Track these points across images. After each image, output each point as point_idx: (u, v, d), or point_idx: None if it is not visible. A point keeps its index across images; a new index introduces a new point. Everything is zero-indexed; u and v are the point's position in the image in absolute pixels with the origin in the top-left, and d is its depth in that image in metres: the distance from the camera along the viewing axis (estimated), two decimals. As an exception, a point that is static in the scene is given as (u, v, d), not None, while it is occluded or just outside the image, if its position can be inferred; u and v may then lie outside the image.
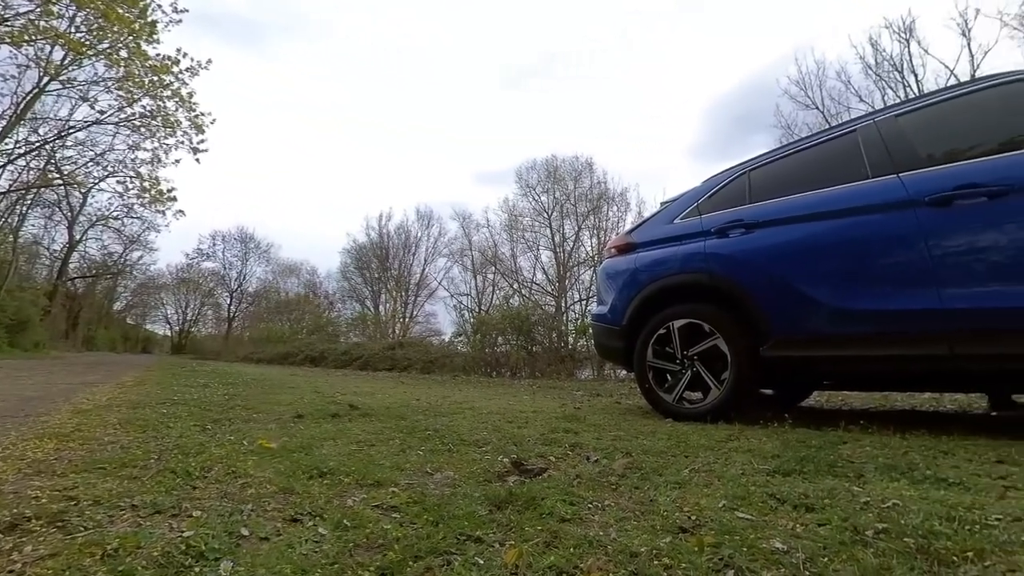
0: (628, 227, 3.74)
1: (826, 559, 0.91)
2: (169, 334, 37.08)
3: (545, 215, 19.79)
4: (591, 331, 3.68)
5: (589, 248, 18.75)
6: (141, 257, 27.03)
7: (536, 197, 20.18)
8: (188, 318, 35.41)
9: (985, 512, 1.07)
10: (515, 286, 19.22)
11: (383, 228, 26.09)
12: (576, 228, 19.12)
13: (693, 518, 1.13)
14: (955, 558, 0.87)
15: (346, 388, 5.05)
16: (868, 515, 1.10)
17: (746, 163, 2.84)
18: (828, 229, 2.28)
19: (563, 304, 17.66)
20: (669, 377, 2.83)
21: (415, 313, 25.16)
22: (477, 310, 18.69)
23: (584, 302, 17.72)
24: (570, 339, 9.66)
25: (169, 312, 36.00)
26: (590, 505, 1.26)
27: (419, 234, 25.61)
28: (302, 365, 13.16)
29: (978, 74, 11.01)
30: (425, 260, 25.40)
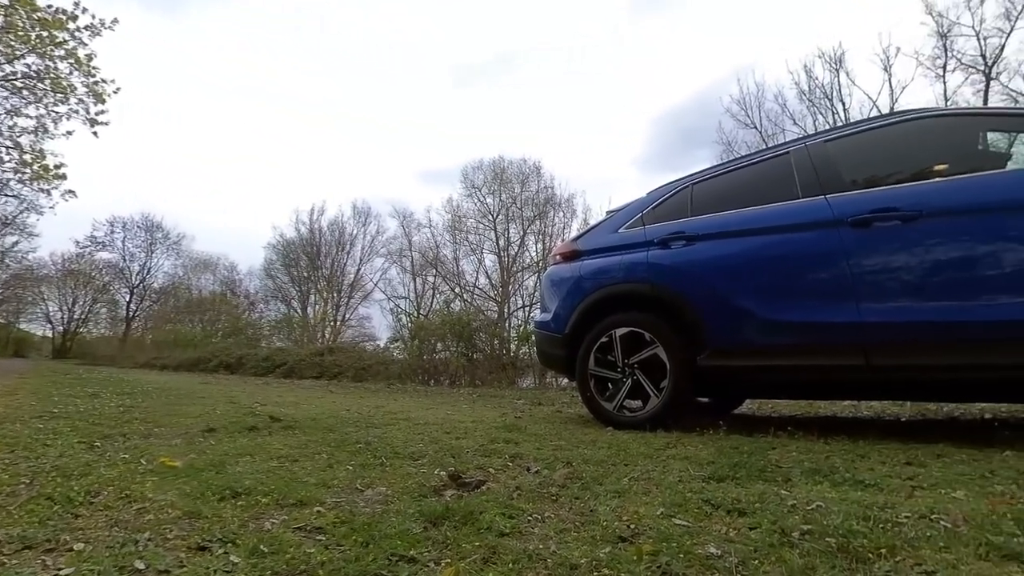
0: (574, 234, 3.83)
1: (756, 562, 0.97)
2: (51, 335, 32.45)
3: (490, 217, 19.85)
4: (534, 338, 3.72)
5: (534, 253, 19.05)
6: (16, 243, 23.42)
7: (481, 198, 20.19)
8: (75, 316, 31.20)
9: (896, 511, 1.19)
10: (457, 290, 19.05)
11: (315, 223, 24.77)
12: (521, 232, 19.35)
13: (632, 527, 1.16)
14: (871, 555, 0.96)
15: (267, 398, 4.73)
16: (795, 517, 1.18)
17: (689, 177, 3.01)
18: (762, 244, 2.47)
19: (506, 310, 17.76)
20: (610, 386, 2.92)
21: (348, 316, 24.08)
22: (415, 314, 18.30)
23: (528, 308, 17.96)
24: (512, 346, 9.73)
25: (51, 309, 31.37)
26: (530, 518, 1.26)
27: (355, 231, 24.57)
28: (216, 372, 12.16)
29: (896, 107, 12.56)
30: (361, 259, 24.38)
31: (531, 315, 16.83)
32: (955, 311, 1.95)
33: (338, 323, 23.50)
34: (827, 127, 13.02)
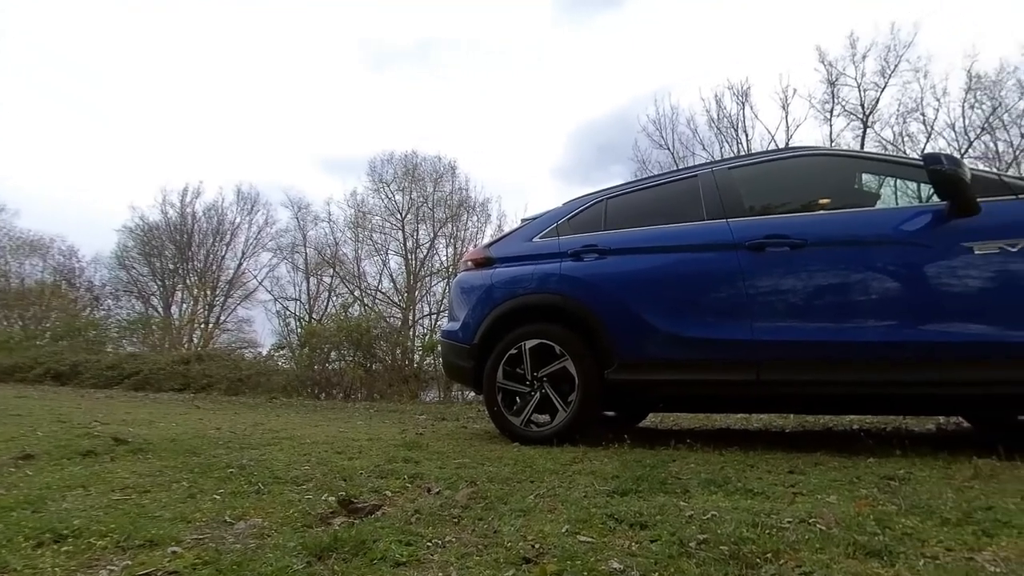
0: (487, 240, 3.86)
1: (657, 574, 1.03)
2: None
3: (399, 216, 19.31)
4: (440, 348, 3.67)
5: (444, 258, 18.87)
6: None
7: (390, 195, 19.58)
8: None
9: (780, 516, 1.33)
10: (357, 293, 18.21)
11: (187, 207, 22.05)
12: (432, 235, 19.07)
13: (537, 546, 1.17)
14: (758, 560, 1.06)
15: (111, 415, 4.10)
16: (692, 528, 1.28)
17: (605, 191, 3.19)
18: (668, 262, 2.69)
19: (411, 317, 17.35)
20: (518, 399, 2.96)
21: (224, 318, 21.74)
22: (307, 318, 17.16)
23: (435, 316, 17.71)
24: (416, 357, 9.51)
25: None
26: (429, 543, 1.22)
27: (238, 220, 22.27)
28: (40, 383, 10.28)
29: (791, 143, 14.53)
30: (244, 253, 22.12)
31: (438, 323, 16.66)
32: (832, 332, 2.27)
33: (211, 326, 21.11)
34: (732, 155, 14.70)
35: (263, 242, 21.89)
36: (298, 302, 19.75)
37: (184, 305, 21.55)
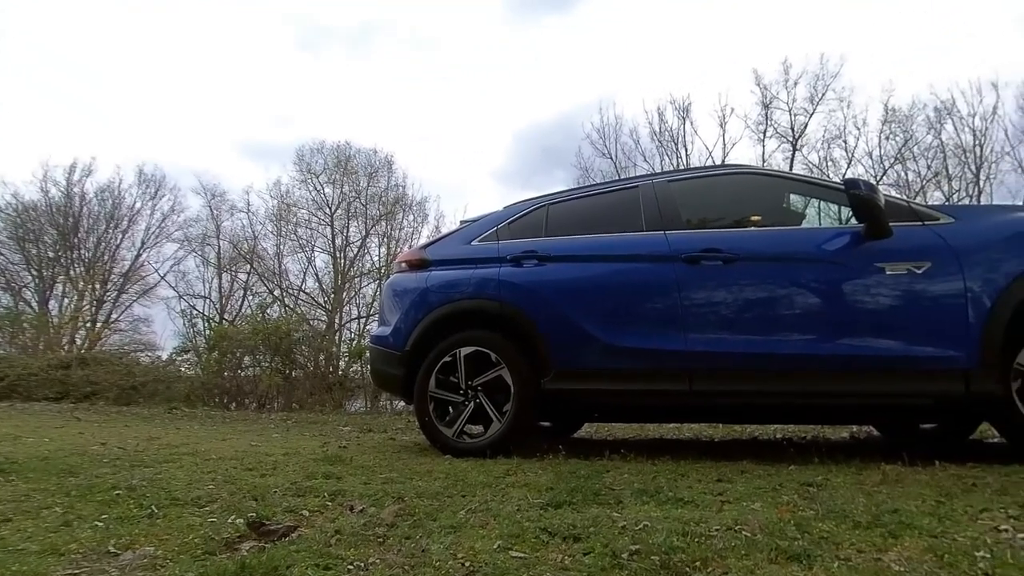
0: (423, 241, 3.81)
1: (589, 589, 1.04)
2: None
3: (327, 211, 18.54)
4: (368, 355, 3.57)
5: (377, 258, 18.34)
6: None
7: (319, 187, 18.74)
8: None
9: (709, 525, 1.40)
10: (277, 293, 17.27)
11: (75, 186, 19.78)
12: (364, 232, 18.46)
13: (468, 564, 1.16)
14: (688, 569, 1.11)
15: (-43, 428, 3.60)
16: (624, 539, 1.31)
17: (546, 197, 3.26)
18: (607, 271, 2.78)
19: (338, 320, 16.71)
20: (451, 409, 2.94)
21: (116, 316, 19.75)
22: (218, 319, 16.05)
23: (364, 320, 17.18)
24: (342, 363, 9.17)
25: None
26: (351, 566, 1.18)
27: (138, 204, 20.26)
28: None
29: (727, 160, 15.47)
30: (144, 243, 20.14)
31: (367, 328, 16.17)
32: (758, 344, 2.44)
33: (99, 325, 19.12)
34: (672, 168, 15.49)
35: (168, 231, 20.04)
36: (208, 300, 18.32)
37: (66, 300, 19.34)
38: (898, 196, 2.72)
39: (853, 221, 2.42)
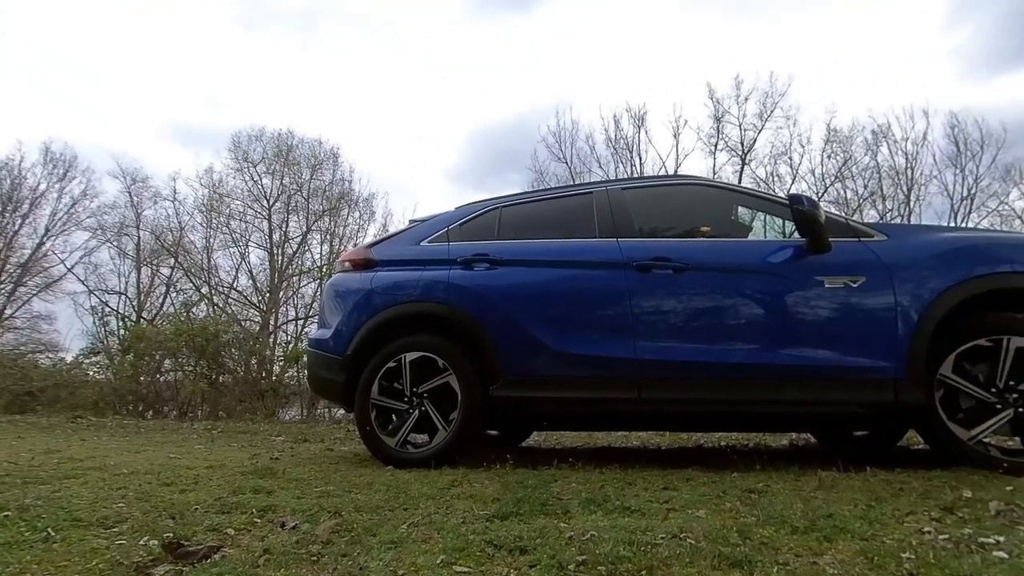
0: (369, 240, 3.74)
1: (535, 602, 1.04)
2: None
3: (265, 203, 17.76)
4: (306, 359, 3.45)
5: (318, 256, 17.76)
6: None
7: (256, 177, 17.92)
8: None
9: (655, 533, 1.44)
10: (205, 290, 16.35)
11: (-40, 162, 18.05)
12: (305, 228, 17.83)
13: (407, 582, 1.13)
14: (634, 579, 1.13)
15: None
16: (572, 549, 1.33)
17: (500, 199, 3.27)
18: (560, 277, 2.82)
19: (273, 322, 16.04)
20: (394, 417, 2.89)
21: (11, 312, 18.03)
22: (135, 318, 15.01)
23: (302, 322, 16.60)
24: (276, 368, 8.81)
25: None
26: (277, 588, 1.11)
27: (43, 186, 18.54)
28: None
29: (680, 170, 16.12)
30: (48, 230, 18.52)
31: (306, 330, 15.65)
32: (705, 352, 2.54)
33: (-11, 322, 17.44)
34: (626, 176, 15.93)
35: (78, 218, 18.50)
36: (124, 297, 17.08)
37: (-49, 293, 17.52)
38: (837, 213, 2.91)
39: (796, 235, 2.58)
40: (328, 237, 17.91)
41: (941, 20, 22.34)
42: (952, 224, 13.76)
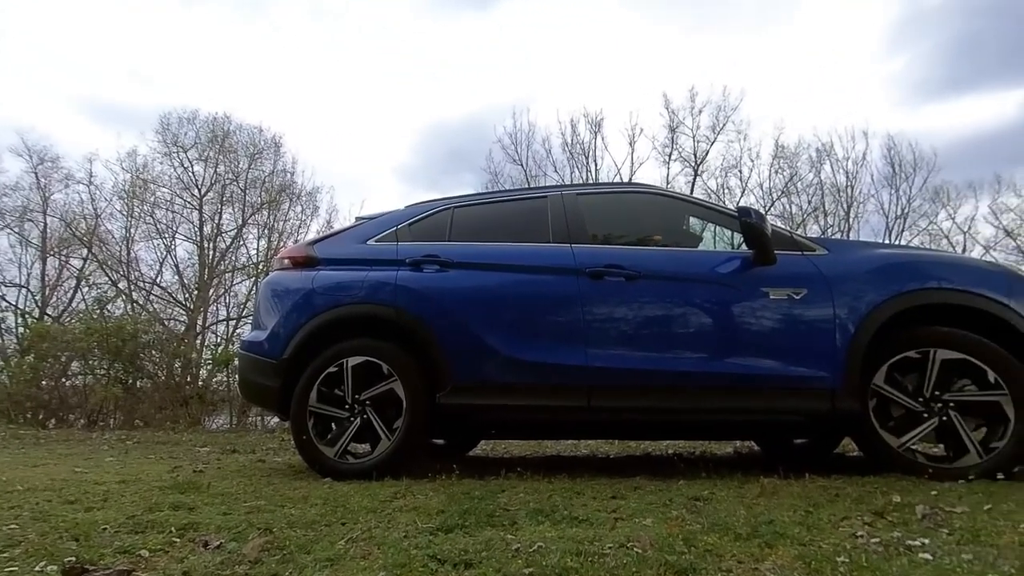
0: (311, 237, 3.64)
1: (479, 618, 1.04)
2: None
3: (196, 192, 16.84)
4: (238, 363, 3.30)
5: (254, 252, 17.05)
6: None
7: (187, 164, 16.93)
8: None
9: (602, 543, 1.47)
10: (123, 285, 15.31)
11: None
12: (240, 221, 17.05)
13: (344, 601, 1.10)
14: (581, 591, 1.14)
15: None
16: (518, 562, 1.33)
17: (453, 199, 3.26)
18: (512, 281, 2.84)
19: (201, 322, 15.23)
20: (334, 426, 2.81)
21: None
22: (38, 315, 13.86)
23: (235, 323, 15.85)
24: (203, 372, 8.37)
25: None
26: (196, 612, 1.05)
27: None
28: None
29: (634, 178, 16.63)
30: None
31: (238, 332, 14.96)
32: (655, 361, 2.62)
33: None
34: (581, 181, 16.26)
35: (-31, 199, 17.01)
36: (25, 290, 15.74)
37: None
38: (782, 227, 3.07)
39: (744, 247, 2.70)
40: (266, 232, 17.22)
41: (881, 48, 24.37)
42: (887, 241, 14.90)
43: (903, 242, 15.28)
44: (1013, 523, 1.60)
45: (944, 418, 2.40)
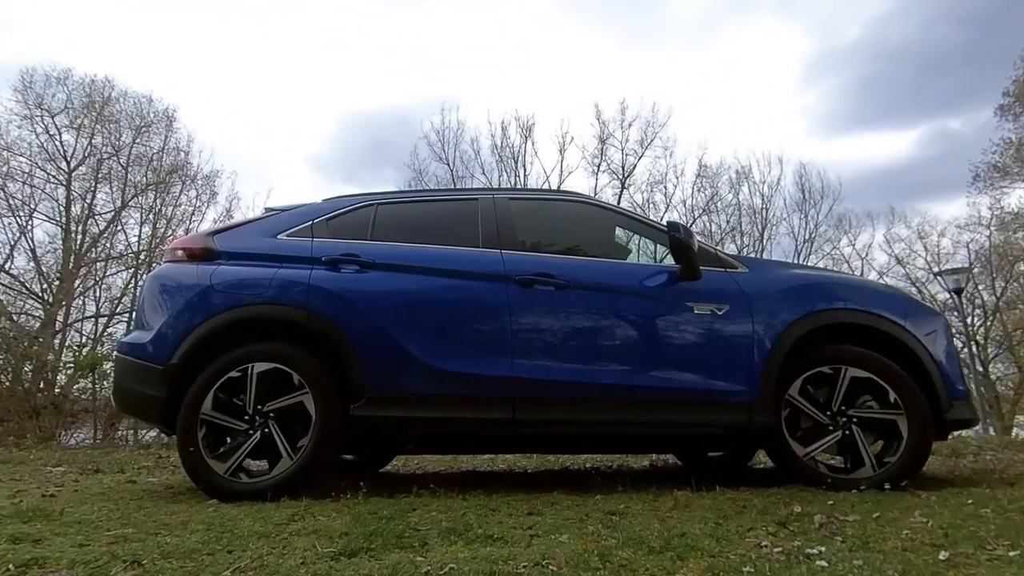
0: (210, 227, 3.42)
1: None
2: None
3: (63, 166, 15.22)
4: (114, 368, 3.02)
5: (136, 239, 15.67)
6: None
7: (54, 131, 15.27)
8: None
9: (517, 562, 1.49)
10: (-42, 273, 13.51)
11: None
12: (120, 203, 15.61)
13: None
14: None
15: None
16: (427, 586, 1.31)
17: (376, 195, 3.19)
18: (437, 286, 2.81)
19: (62, 318, 13.74)
20: (229, 439, 2.66)
21: None
22: None
23: (106, 320, 14.48)
24: (61, 378, 7.56)
25: None
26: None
27: None
28: None
29: (563, 187, 17.08)
30: None
31: (110, 331, 13.69)
32: (581, 373, 2.70)
33: None
34: (509, 186, 16.48)
35: None
36: None
37: None
38: (708, 243, 3.28)
39: (671, 261, 2.85)
40: (151, 217, 15.92)
41: (797, 81, 27.07)
42: (796, 262, 16.41)
43: (810, 264, 16.89)
44: (897, 530, 1.81)
45: (847, 432, 2.67)
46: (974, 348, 17.92)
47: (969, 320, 18.73)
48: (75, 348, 9.65)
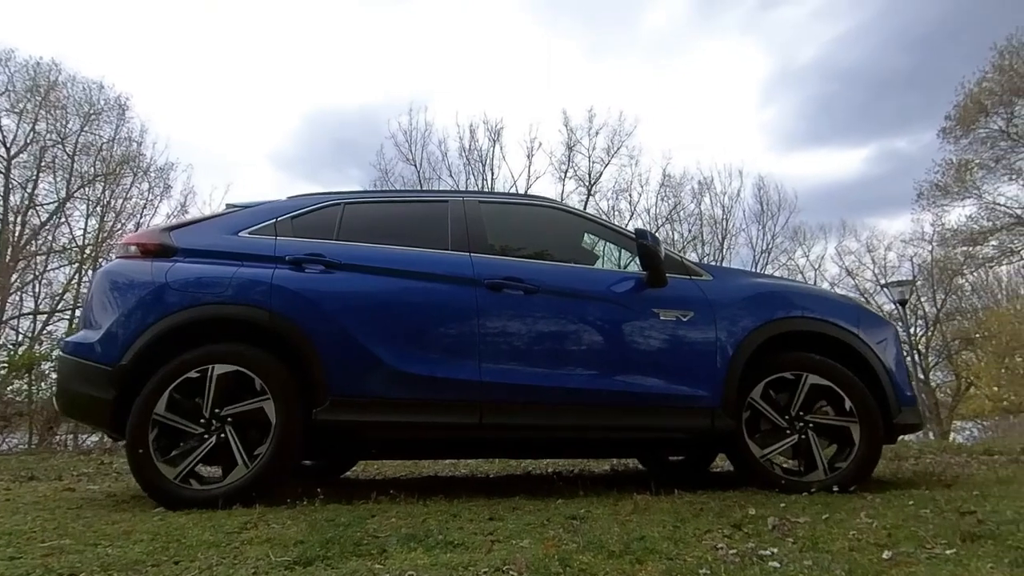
0: (167, 222, 3.29)
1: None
2: None
3: (3, 152, 14.46)
4: (58, 369, 2.88)
5: (81, 233, 14.95)
6: None
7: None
8: None
9: (477, 568, 1.48)
10: None
11: None
12: (64, 194, 14.88)
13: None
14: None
15: None
16: (386, 594, 1.29)
17: (343, 194, 3.13)
18: (404, 288, 2.78)
19: (-4, 318, 12.99)
20: (182, 443, 2.55)
21: None
22: None
23: (45, 318, 13.75)
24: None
25: None
26: None
27: None
28: None
29: (530, 192, 17.15)
30: None
31: (48, 329, 13.02)
32: (548, 377, 2.71)
33: None
34: (477, 189, 16.50)
35: None
36: None
37: None
38: (674, 251, 3.34)
39: (634, 267, 2.90)
40: (99, 210, 15.24)
41: (756, 97, 28.12)
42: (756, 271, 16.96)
43: (769, 274, 17.50)
44: (844, 530, 1.88)
45: (803, 436, 2.77)
46: (916, 357, 18.91)
47: (912, 330, 19.81)
48: (10, 347, 9.12)
